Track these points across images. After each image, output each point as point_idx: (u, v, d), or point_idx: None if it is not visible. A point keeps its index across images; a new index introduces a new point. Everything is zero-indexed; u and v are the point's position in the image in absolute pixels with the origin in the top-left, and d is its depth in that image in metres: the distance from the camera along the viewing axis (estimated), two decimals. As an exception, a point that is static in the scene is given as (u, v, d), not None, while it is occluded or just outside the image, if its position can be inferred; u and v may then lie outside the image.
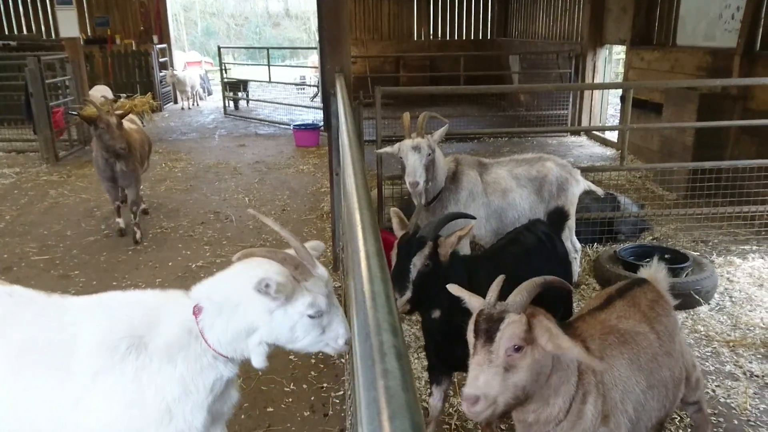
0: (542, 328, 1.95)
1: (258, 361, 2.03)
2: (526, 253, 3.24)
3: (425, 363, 3.31)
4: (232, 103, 15.57)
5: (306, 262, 1.99)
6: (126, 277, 5.43)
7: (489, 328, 1.93)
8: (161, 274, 5.49)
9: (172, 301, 2.10)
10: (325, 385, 3.81)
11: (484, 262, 3.23)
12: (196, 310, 2.02)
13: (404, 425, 0.68)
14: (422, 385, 3.63)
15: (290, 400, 3.66)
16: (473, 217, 3.20)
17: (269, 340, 2.03)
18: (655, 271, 2.87)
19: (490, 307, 2.01)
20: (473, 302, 2.09)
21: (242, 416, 3.47)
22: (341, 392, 3.70)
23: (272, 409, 3.56)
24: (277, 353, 2.31)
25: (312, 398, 3.67)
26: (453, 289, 2.18)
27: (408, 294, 2.69)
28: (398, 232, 2.90)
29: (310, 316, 1.98)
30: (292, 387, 3.77)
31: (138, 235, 6.18)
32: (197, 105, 16.68)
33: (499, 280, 2.14)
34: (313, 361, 4.06)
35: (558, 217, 3.75)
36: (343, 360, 3.90)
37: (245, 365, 2.14)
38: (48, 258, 5.86)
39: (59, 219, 7.01)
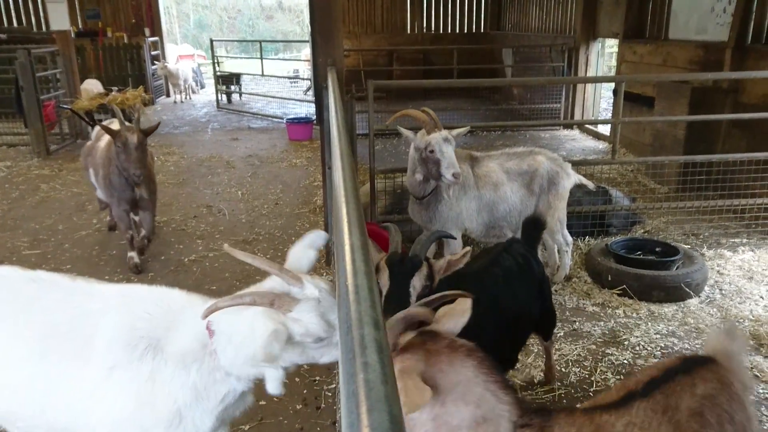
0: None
1: (272, 387, 1.94)
2: (506, 275, 3.09)
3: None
4: (224, 97, 15.50)
5: (291, 285, 1.88)
6: (118, 271, 5.42)
7: None
8: (153, 268, 5.47)
9: (192, 310, 2.06)
10: (317, 378, 3.81)
11: (465, 282, 3.00)
12: (210, 326, 2.00)
13: (382, 418, 0.68)
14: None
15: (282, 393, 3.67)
16: (454, 237, 3.12)
17: (287, 365, 1.98)
18: (733, 343, 1.91)
19: None
20: None
21: (234, 410, 3.47)
22: (333, 385, 3.71)
23: (264, 403, 3.56)
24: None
25: (304, 391, 3.68)
26: None
27: None
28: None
29: (314, 341, 1.89)
30: (284, 380, 3.77)
31: (138, 267, 5.37)
32: (190, 98, 16.59)
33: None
34: (305, 354, 4.06)
35: (533, 226, 3.58)
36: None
37: None
38: (39, 252, 5.84)
39: (51, 213, 6.98)
